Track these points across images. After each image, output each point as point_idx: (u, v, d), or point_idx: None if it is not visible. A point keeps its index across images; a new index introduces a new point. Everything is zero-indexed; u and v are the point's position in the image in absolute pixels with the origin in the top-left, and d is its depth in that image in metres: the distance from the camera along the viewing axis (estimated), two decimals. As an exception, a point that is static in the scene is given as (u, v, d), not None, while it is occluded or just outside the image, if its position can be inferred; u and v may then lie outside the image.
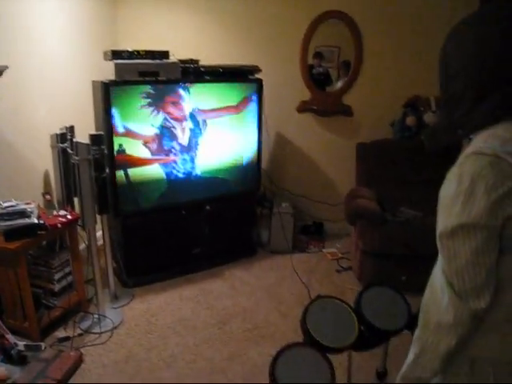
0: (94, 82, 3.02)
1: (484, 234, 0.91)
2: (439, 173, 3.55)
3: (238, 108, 3.36)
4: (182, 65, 3.10)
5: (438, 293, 1.01)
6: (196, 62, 3.21)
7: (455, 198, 0.94)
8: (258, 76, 3.44)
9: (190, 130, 3.18)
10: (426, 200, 3.56)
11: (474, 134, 1.00)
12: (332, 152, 4.10)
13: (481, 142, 0.96)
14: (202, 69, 3.21)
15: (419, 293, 1.91)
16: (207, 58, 3.41)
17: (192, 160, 3.25)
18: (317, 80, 3.95)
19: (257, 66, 3.42)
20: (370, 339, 1.66)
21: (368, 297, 1.74)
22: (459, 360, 1.06)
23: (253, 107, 3.43)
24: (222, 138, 3.35)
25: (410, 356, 1.09)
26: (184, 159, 3.21)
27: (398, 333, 1.66)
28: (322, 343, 1.53)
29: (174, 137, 3.12)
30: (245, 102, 3.38)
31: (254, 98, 3.42)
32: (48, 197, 2.93)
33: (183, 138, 3.17)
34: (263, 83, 3.42)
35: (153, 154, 3.06)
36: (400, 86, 3.86)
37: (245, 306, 3.05)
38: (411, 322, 1.67)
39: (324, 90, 3.98)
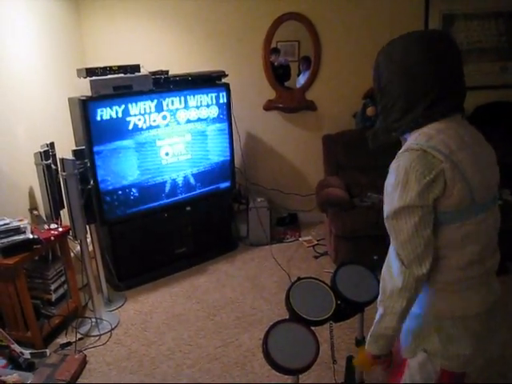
0: (70, 98, 3.16)
1: (419, 213, 1.17)
2: (392, 159, 3.87)
3: (208, 112, 3.56)
4: (153, 76, 3.27)
5: (391, 265, 1.26)
6: (166, 72, 3.38)
7: (395, 187, 1.20)
8: (225, 80, 3.64)
9: (166, 136, 3.37)
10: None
11: (408, 134, 1.26)
12: (300, 146, 4.34)
13: (412, 140, 1.22)
14: (172, 78, 3.38)
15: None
16: (176, 68, 3.60)
17: (170, 165, 3.44)
18: (279, 75, 4.16)
19: (223, 72, 3.62)
20: (347, 311, 1.91)
21: (342, 274, 1.99)
22: (426, 318, 1.31)
23: (223, 110, 3.63)
24: (196, 142, 3.55)
25: (376, 317, 1.34)
26: (162, 164, 3.40)
27: (371, 303, 1.92)
28: (306, 318, 1.77)
29: (150, 144, 3.30)
30: (215, 106, 3.58)
31: (223, 101, 3.62)
32: (36, 212, 3.08)
33: (160, 144, 3.35)
34: (230, 87, 3.62)
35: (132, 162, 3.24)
36: (358, 79, 4.11)
37: (231, 296, 3.27)
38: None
39: (285, 84, 4.20)
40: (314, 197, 4.05)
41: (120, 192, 3.23)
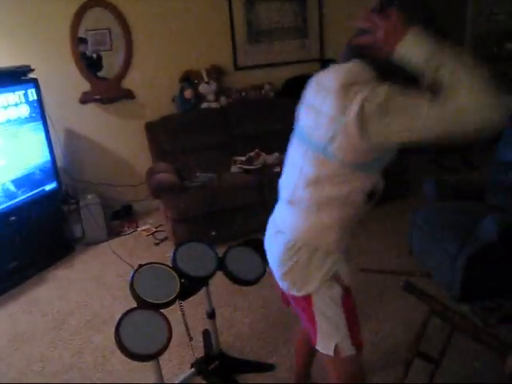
0: None
1: None
2: (222, 137, 4.13)
3: (18, 112, 3.29)
4: None
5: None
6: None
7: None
8: (32, 75, 3.39)
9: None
10: (215, 160, 4.08)
11: None
12: (123, 136, 4.28)
13: None
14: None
15: (228, 241, 2.35)
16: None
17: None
18: (92, 65, 4.03)
19: (28, 66, 3.35)
20: (192, 287, 2.03)
21: (181, 254, 2.09)
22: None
23: (34, 108, 3.40)
24: (9, 146, 3.27)
25: None
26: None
27: (213, 275, 2.07)
28: (153, 302, 1.84)
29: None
30: (24, 104, 3.32)
31: (33, 98, 3.38)
32: None
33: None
34: (40, 82, 3.40)
35: None
36: (173, 63, 4.21)
37: (78, 301, 3.16)
38: (220, 264, 2.10)
39: (98, 75, 4.09)
40: (145, 186, 4.07)
41: None
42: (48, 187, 3.60)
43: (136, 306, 1.87)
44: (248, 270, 2.13)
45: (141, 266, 1.97)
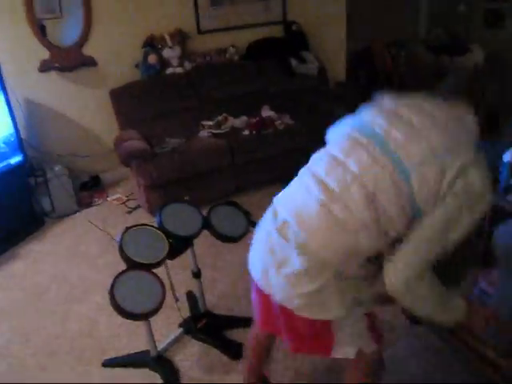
0: None
1: None
2: (188, 102, 4.10)
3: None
4: None
5: None
6: None
7: None
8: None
9: None
10: (183, 126, 4.06)
11: None
12: (87, 105, 4.15)
13: None
14: None
15: (201, 205, 2.38)
16: None
17: None
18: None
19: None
20: (179, 247, 2.06)
21: (166, 215, 2.11)
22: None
23: (-9, 79, 3.25)
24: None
25: None
26: None
27: (199, 234, 2.10)
28: (144, 262, 1.86)
29: None
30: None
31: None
32: None
33: None
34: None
35: None
36: (135, 28, 4.09)
37: (55, 273, 3.13)
38: (205, 223, 2.13)
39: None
40: (113, 155, 4.00)
41: None
42: (13, 160, 3.48)
43: (126, 268, 1.89)
44: (232, 227, 2.17)
45: (128, 228, 1.98)
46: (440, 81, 1.41)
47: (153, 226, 2.03)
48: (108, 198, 4.13)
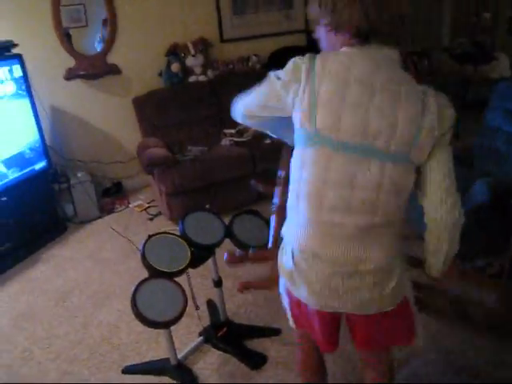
0: None
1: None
2: (211, 110, 4.10)
3: (4, 89, 3.20)
4: None
5: None
6: None
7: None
8: (16, 51, 3.29)
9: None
10: (205, 133, 4.08)
11: None
12: (111, 112, 4.21)
13: None
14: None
15: (222, 214, 2.37)
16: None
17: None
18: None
19: (11, 41, 3.24)
20: (201, 256, 2.06)
21: (188, 223, 2.11)
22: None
23: (20, 85, 3.30)
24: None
25: None
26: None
27: (221, 243, 2.10)
28: (166, 271, 1.86)
29: None
30: (10, 81, 3.23)
31: (19, 75, 3.28)
32: None
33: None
34: (24, 58, 3.31)
35: None
36: (158, 37, 4.14)
37: (77, 278, 3.15)
38: (228, 232, 2.12)
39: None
40: (135, 162, 4.05)
41: None
42: (38, 166, 3.54)
43: (148, 275, 1.89)
44: (254, 236, 2.15)
45: (150, 236, 1.99)
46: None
47: (175, 235, 2.04)
48: (130, 205, 4.17)
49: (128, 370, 2.29)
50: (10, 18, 3.62)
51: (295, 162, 1.28)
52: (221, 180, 3.69)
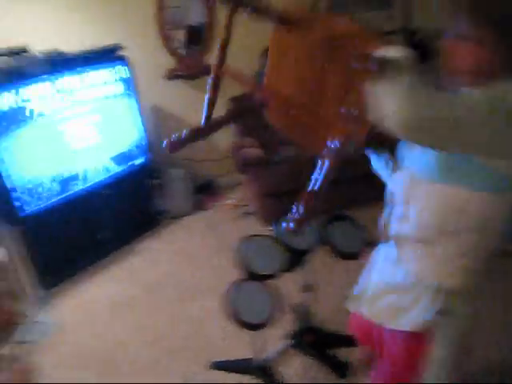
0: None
1: None
2: None
3: (114, 89, 3.39)
4: (44, 57, 3.02)
5: None
6: (59, 51, 3.12)
7: None
8: (121, 54, 3.46)
9: (72, 119, 3.16)
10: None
11: None
12: (207, 112, 4.29)
13: None
14: (67, 57, 3.13)
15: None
16: (68, 45, 3.31)
17: (81, 149, 3.25)
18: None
19: (118, 44, 3.42)
20: (294, 260, 2.01)
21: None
22: None
23: (127, 85, 3.48)
24: (106, 122, 3.38)
25: None
26: (72, 150, 3.20)
27: (315, 248, 2.04)
28: (259, 273, 1.84)
29: (54, 129, 3.08)
30: (118, 81, 3.42)
31: (126, 76, 3.46)
32: None
33: (66, 128, 3.14)
34: (129, 59, 3.47)
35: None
36: (254, 39, 4.12)
37: (167, 271, 3.25)
38: (322, 237, 2.06)
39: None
40: (228, 161, 4.09)
41: (31, 185, 3.00)
42: (137, 162, 3.70)
43: (240, 276, 1.88)
44: (349, 243, 2.07)
45: (246, 236, 1.98)
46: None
47: (270, 237, 2.01)
48: (221, 203, 4.22)
49: (216, 366, 2.34)
50: (118, 21, 3.82)
51: None
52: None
